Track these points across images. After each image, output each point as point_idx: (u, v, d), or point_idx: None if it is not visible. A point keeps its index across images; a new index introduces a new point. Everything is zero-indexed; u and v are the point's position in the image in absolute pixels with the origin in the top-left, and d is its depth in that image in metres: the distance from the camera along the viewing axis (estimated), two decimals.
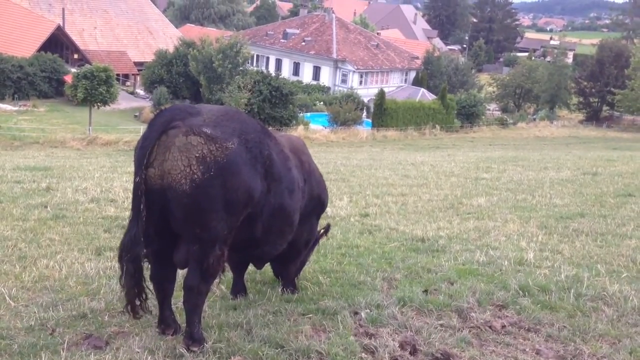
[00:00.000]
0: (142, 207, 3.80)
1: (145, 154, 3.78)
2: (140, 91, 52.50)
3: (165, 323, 4.40)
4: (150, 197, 3.82)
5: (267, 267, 6.05)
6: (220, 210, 3.83)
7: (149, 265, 4.26)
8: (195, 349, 4.05)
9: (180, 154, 3.74)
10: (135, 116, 44.72)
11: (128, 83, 54.71)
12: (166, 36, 61.02)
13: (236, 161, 3.84)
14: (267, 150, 4.12)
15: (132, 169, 13.05)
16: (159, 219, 3.92)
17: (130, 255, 3.89)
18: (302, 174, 4.80)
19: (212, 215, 3.83)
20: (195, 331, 4.08)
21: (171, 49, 48.97)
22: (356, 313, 4.92)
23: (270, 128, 4.82)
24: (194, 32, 63.73)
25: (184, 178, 3.73)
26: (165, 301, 4.36)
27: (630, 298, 5.36)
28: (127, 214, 8.38)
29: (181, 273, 4.66)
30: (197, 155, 3.74)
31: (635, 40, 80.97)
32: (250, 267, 5.54)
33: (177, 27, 70.98)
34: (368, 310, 4.94)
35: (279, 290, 5.45)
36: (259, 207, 4.17)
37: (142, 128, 33.20)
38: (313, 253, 5.90)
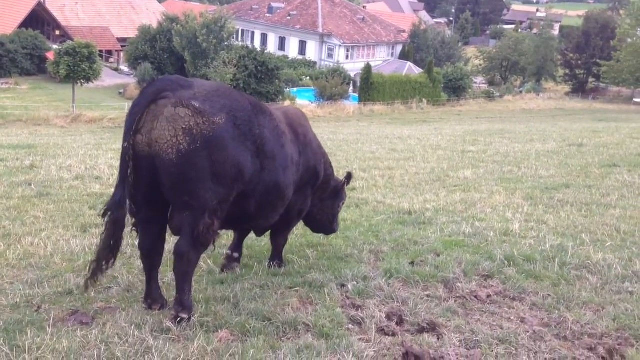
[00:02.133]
0: (129, 172, 3.89)
1: (134, 120, 3.87)
2: (124, 67, 51.89)
3: (152, 297, 4.40)
4: (137, 163, 3.91)
5: (254, 241, 6.06)
6: (208, 180, 3.91)
7: (137, 236, 4.33)
8: (184, 315, 4.08)
9: (167, 124, 3.83)
10: (120, 93, 44.30)
11: (111, 59, 54.02)
12: (149, 11, 60.11)
13: (222, 136, 3.91)
14: (257, 129, 4.17)
15: (117, 146, 12.83)
16: (147, 187, 3.99)
17: (112, 217, 3.99)
18: (298, 147, 4.84)
19: (199, 185, 3.91)
20: (185, 299, 4.11)
21: (155, 25, 48.34)
22: (343, 285, 4.94)
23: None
24: (177, 7, 62.80)
25: (171, 148, 3.82)
26: (152, 273, 4.37)
27: (614, 266, 5.42)
28: (112, 190, 8.36)
29: (168, 249, 4.65)
30: (184, 126, 3.82)
31: (621, 12, 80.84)
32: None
33: (160, 2, 69.88)
34: (355, 283, 4.96)
35: (266, 264, 5.46)
36: (253, 185, 4.23)
37: (127, 105, 32.92)
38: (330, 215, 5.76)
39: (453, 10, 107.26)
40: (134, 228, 4.28)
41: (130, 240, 6.01)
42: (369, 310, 4.44)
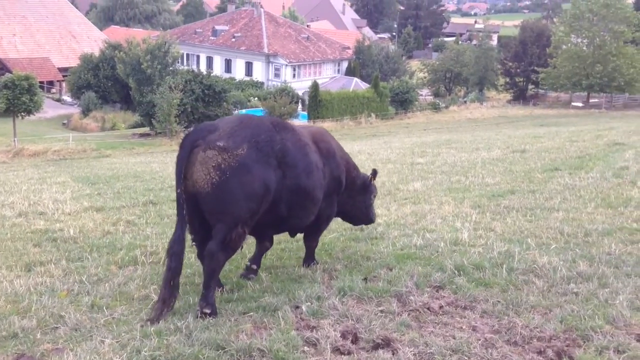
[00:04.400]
0: (184, 212, 4.75)
1: (181, 170, 4.74)
2: (67, 98, 50.77)
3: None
4: (189, 201, 4.77)
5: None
6: (241, 199, 4.75)
7: (196, 250, 5.30)
8: (207, 310, 4.70)
9: (201, 166, 4.70)
10: (64, 124, 43.29)
11: (53, 90, 52.80)
12: (90, 39, 59.10)
13: (247, 162, 4.74)
14: (278, 145, 4.97)
15: (62, 179, 12.53)
16: (199, 217, 4.88)
17: (173, 252, 4.75)
18: (322, 159, 5.54)
19: (233, 205, 4.74)
20: (209, 295, 4.79)
21: (97, 53, 47.53)
22: (297, 307, 4.93)
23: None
24: (119, 33, 62.04)
25: (206, 183, 4.69)
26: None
27: (559, 268, 5.59)
28: (58, 225, 8.17)
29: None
30: (214, 164, 4.68)
31: (554, 20, 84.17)
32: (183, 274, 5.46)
33: (101, 29, 68.93)
34: (309, 303, 4.95)
35: (219, 291, 5.40)
36: (278, 192, 4.99)
37: (72, 135, 32.18)
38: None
39: (395, 25, 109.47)
40: (193, 243, 5.24)
41: (76, 277, 5.87)
42: (323, 330, 4.44)
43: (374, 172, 6.40)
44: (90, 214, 9.21)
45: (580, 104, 58.03)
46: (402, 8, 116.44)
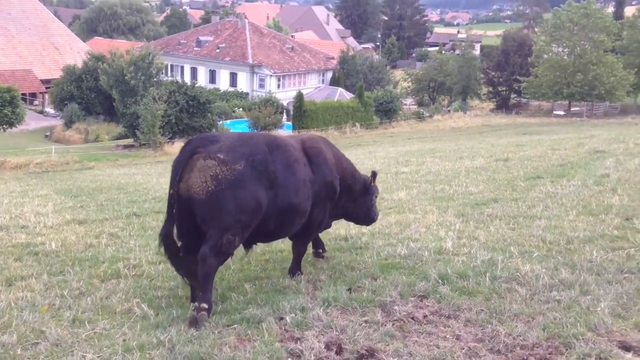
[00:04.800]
0: (173, 211, 5.09)
1: (177, 172, 5.01)
2: (49, 110, 50.42)
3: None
4: (180, 203, 5.04)
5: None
6: (233, 211, 4.98)
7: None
8: (205, 305, 4.89)
9: (199, 173, 4.94)
10: (46, 136, 42.98)
11: (36, 102, 52.42)
12: (73, 51, 58.86)
13: (242, 178, 5.00)
14: (272, 166, 5.23)
15: (44, 192, 12.44)
16: (187, 220, 5.09)
17: (165, 245, 5.22)
18: (311, 167, 5.76)
19: (225, 214, 4.98)
20: (206, 296, 4.98)
21: (80, 64, 47.32)
22: (281, 318, 4.91)
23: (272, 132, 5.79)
24: (102, 45, 61.76)
25: (202, 190, 4.92)
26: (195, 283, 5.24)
27: (542, 276, 5.62)
28: (40, 239, 8.09)
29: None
30: (212, 174, 4.92)
31: (536, 29, 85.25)
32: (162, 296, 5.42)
33: (84, 40, 68.62)
34: (293, 315, 4.94)
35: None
36: (269, 209, 5.25)
37: (54, 148, 31.90)
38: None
39: (379, 35, 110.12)
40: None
41: (58, 291, 5.81)
42: (307, 341, 4.42)
43: (374, 174, 6.65)
44: (72, 227, 9.13)
45: (562, 113, 58.73)
46: (385, 18, 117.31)
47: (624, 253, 6.34)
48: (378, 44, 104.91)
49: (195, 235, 5.16)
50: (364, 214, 6.73)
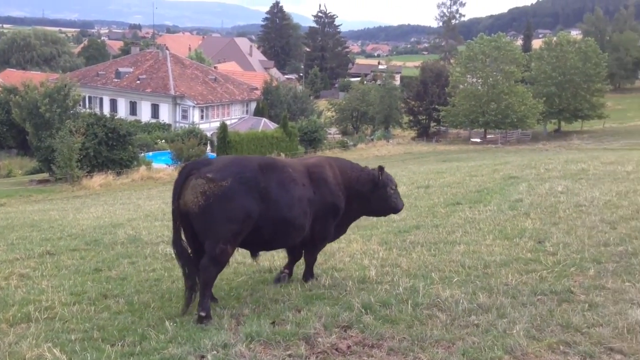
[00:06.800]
0: (177, 223, 5.92)
1: (176, 192, 5.87)
2: None
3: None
4: (181, 217, 5.90)
5: (106, 321, 5.68)
6: (223, 220, 5.72)
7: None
8: (203, 314, 5.65)
9: (191, 190, 5.75)
10: None
11: None
12: None
13: (229, 193, 5.70)
14: (263, 183, 5.92)
15: None
16: (190, 231, 5.95)
17: (175, 252, 6.07)
18: (312, 188, 6.40)
19: (216, 224, 5.73)
20: (204, 302, 5.75)
21: None
22: (203, 357, 4.77)
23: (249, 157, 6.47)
24: (15, 77, 59.40)
25: (195, 205, 5.71)
26: (194, 286, 6.01)
27: (461, 301, 5.75)
28: None
29: None
30: (201, 190, 5.69)
31: (451, 61, 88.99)
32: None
33: None
34: (215, 352, 4.81)
35: (119, 345, 5.14)
36: (262, 220, 5.93)
37: None
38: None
39: (302, 66, 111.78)
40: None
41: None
42: None
43: (380, 168, 7.13)
44: None
45: (478, 140, 61.25)
46: (308, 50, 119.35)
47: (537, 275, 6.60)
48: (301, 74, 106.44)
49: (200, 244, 5.96)
50: (384, 207, 7.15)
